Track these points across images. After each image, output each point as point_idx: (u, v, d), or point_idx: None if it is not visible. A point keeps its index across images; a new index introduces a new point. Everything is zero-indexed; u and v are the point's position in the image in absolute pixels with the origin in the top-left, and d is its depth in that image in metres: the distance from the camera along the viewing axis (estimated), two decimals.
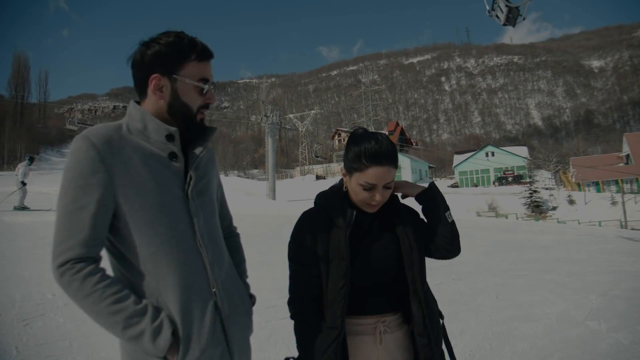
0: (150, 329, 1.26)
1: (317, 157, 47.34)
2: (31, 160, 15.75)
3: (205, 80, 1.44)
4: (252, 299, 1.68)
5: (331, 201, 1.68)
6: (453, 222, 1.67)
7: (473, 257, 8.96)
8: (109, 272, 1.35)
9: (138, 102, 1.46)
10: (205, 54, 1.45)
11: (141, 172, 1.33)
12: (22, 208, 13.63)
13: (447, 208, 1.68)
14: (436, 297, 1.74)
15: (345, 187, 1.71)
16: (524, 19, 10.63)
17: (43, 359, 3.31)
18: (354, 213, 1.63)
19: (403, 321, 1.67)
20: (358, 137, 1.64)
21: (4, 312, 4.22)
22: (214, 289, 1.42)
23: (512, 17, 10.65)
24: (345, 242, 1.57)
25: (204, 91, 1.45)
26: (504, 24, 10.74)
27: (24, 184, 14.31)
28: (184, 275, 1.35)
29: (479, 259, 8.78)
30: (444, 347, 1.70)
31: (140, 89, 1.44)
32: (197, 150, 1.46)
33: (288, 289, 1.69)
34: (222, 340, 1.42)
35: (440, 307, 1.74)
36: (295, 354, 1.63)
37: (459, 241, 1.69)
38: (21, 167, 14.72)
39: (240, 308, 1.53)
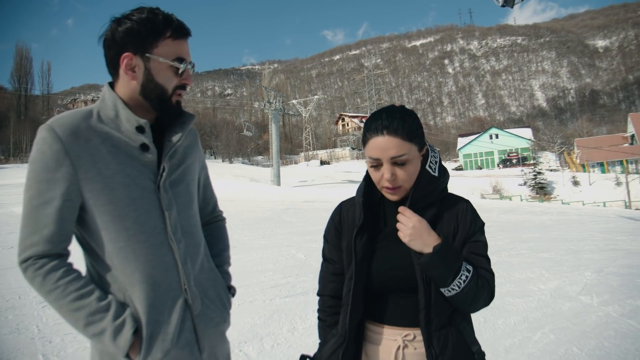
0: (112, 327, 1.22)
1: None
2: None
3: (180, 60, 1.35)
4: (231, 291, 1.58)
5: (359, 190, 1.50)
6: (466, 287, 1.31)
7: None
8: (83, 265, 1.34)
9: (113, 85, 1.38)
10: (181, 32, 1.35)
11: (109, 164, 1.27)
12: None
13: (455, 277, 1.30)
14: None
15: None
16: None
17: (62, 336, 3.54)
18: (362, 207, 1.45)
19: None
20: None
21: (23, 295, 4.47)
22: (185, 286, 1.36)
23: None
24: (353, 242, 1.43)
25: (180, 71, 1.36)
26: (503, 5, 10.77)
27: None
28: (151, 272, 1.30)
29: None
30: None
31: (112, 69, 1.35)
32: (174, 139, 1.39)
33: None
34: (192, 339, 1.37)
35: None
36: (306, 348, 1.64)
37: (483, 300, 1.36)
38: None
39: (214, 303, 1.46)
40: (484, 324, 4.23)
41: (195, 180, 1.53)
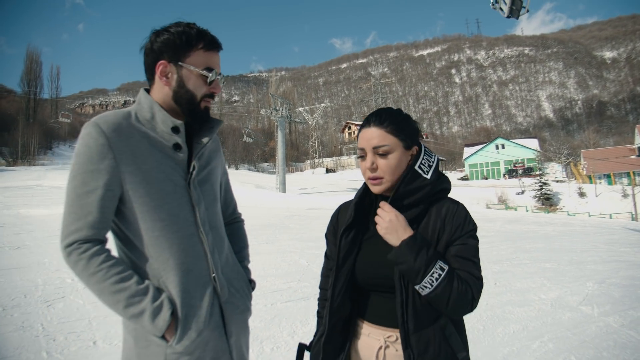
0: (151, 308, 1.31)
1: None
2: None
3: (210, 70, 1.47)
4: (252, 284, 1.70)
5: (356, 194, 1.57)
6: (440, 286, 1.29)
7: None
8: (114, 253, 1.42)
9: (148, 90, 1.51)
10: (213, 45, 1.47)
11: (147, 160, 1.39)
12: None
13: (425, 273, 1.29)
14: None
15: None
16: (527, 10, 10.69)
17: (66, 335, 3.60)
18: (354, 206, 1.51)
19: None
20: None
21: (29, 294, 4.52)
22: (214, 274, 1.47)
23: (516, 9, 10.73)
24: (338, 240, 1.50)
25: (209, 80, 1.47)
26: (508, 16, 10.81)
27: None
28: (184, 260, 1.41)
29: (481, 248, 8.88)
30: None
31: (149, 75, 1.49)
32: (203, 141, 1.52)
33: None
34: (220, 323, 1.48)
35: None
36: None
37: (462, 304, 1.31)
38: None
39: (239, 292, 1.57)
40: (483, 331, 4.25)
41: (218, 182, 1.66)
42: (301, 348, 1.59)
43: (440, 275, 1.29)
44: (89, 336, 3.62)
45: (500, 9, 11.12)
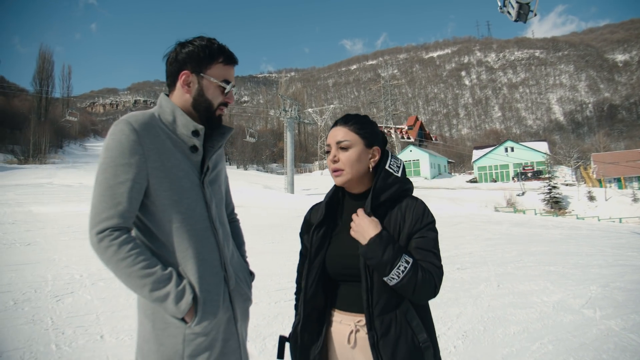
0: (175, 292, 1.43)
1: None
2: None
3: (227, 82, 1.63)
4: (252, 276, 1.83)
5: (327, 194, 1.74)
6: (405, 277, 1.43)
7: (480, 249, 9.16)
8: None
9: (167, 95, 1.65)
10: (231, 60, 1.64)
11: (170, 158, 1.53)
12: None
13: (392, 267, 1.43)
14: None
15: None
16: (535, 14, 10.69)
17: (74, 328, 3.70)
18: (324, 205, 1.68)
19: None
20: None
21: (39, 289, 4.64)
22: (224, 265, 1.61)
23: (523, 13, 10.72)
24: (311, 234, 1.66)
25: (225, 91, 1.64)
26: (516, 20, 10.82)
27: None
28: (201, 250, 1.54)
29: (485, 251, 8.97)
30: None
31: (171, 82, 1.63)
32: (216, 145, 1.67)
33: None
34: (230, 308, 1.61)
35: (442, 293, 1.54)
36: None
37: (425, 292, 1.47)
38: None
39: (243, 282, 1.71)
40: (484, 332, 4.29)
41: (223, 184, 1.83)
42: (282, 340, 1.71)
43: (405, 267, 1.43)
44: (97, 330, 3.72)
45: (508, 12, 11.13)
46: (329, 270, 1.62)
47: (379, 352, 1.47)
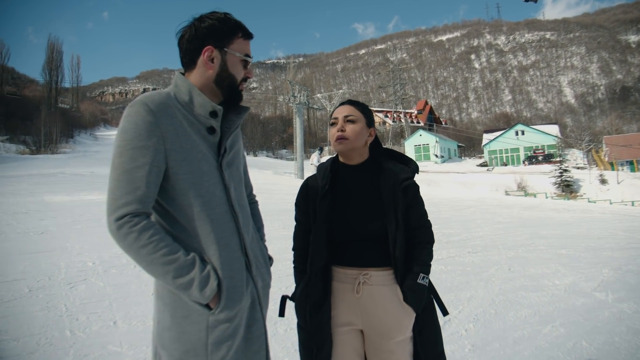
0: (199, 278, 1.39)
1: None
2: (321, 149, 18.09)
3: (247, 56, 1.62)
4: (270, 260, 1.80)
5: (321, 168, 1.99)
6: (428, 274, 1.88)
7: (491, 232, 9.13)
8: None
9: (182, 74, 1.60)
10: (248, 34, 1.63)
11: (188, 139, 1.47)
12: None
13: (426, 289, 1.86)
14: (450, 269, 2.02)
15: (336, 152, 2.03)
16: None
17: (88, 315, 3.75)
18: (329, 176, 1.91)
19: (394, 278, 1.85)
20: None
21: (52, 276, 4.70)
22: (245, 249, 1.58)
23: None
24: (319, 202, 1.87)
25: (248, 65, 1.64)
26: (526, 0, 10.65)
27: None
28: (222, 235, 1.50)
29: (496, 234, 8.93)
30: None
31: (190, 60, 1.57)
32: (233, 125, 1.63)
33: None
34: (255, 294, 1.59)
35: (453, 277, 2.08)
36: None
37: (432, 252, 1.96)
38: (315, 156, 16.72)
39: (262, 267, 1.68)
40: (495, 315, 4.28)
41: (242, 164, 1.78)
42: (283, 299, 1.95)
43: (424, 277, 1.85)
44: (110, 316, 3.76)
45: None
46: (336, 232, 1.85)
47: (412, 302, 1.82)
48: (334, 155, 2.05)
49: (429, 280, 1.89)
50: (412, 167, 1.94)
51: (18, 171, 21.10)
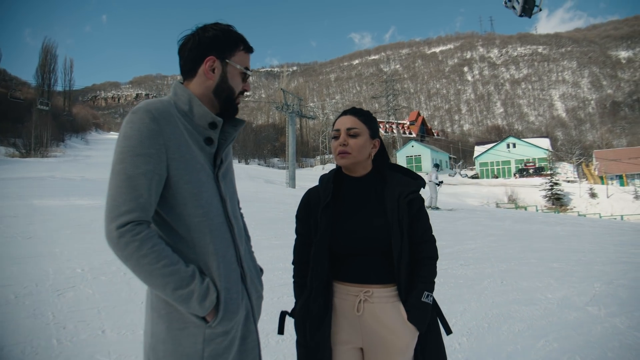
0: (199, 290, 1.38)
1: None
2: (437, 166, 18.18)
3: (247, 69, 1.63)
4: (261, 272, 1.81)
5: (323, 179, 1.94)
6: (431, 291, 1.85)
7: (483, 245, 9.12)
8: None
9: (181, 82, 1.60)
10: (250, 48, 1.64)
11: (189, 149, 1.46)
12: (436, 208, 16.86)
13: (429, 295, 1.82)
14: (442, 281, 1.95)
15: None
16: (540, 9, 10.61)
17: (75, 323, 3.67)
18: (332, 187, 1.85)
19: (397, 295, 1.79)
20: None
21: (40, 283, 4.61)
22: (240, 261, 1.58)
23: (528, 8, 10.64)
24: (320, 215, 1.81)
25: (246, 79, 1.65)
26: (521, 15, 10.74)
27: (439, 183, 17.05)
28: (220, 246, 1.49)
29: (489, 247, 8.93)
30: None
31: (190, 68, 1.57)
32: (229, 139, 1.62)
33: None
34: (249, 306, 1.59)
35: (445, 289, 1.93)
36: None
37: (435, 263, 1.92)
38: (433, 172, 17.19)
39: (256, 278, 1.69)
40: (488, 329, 4.26)
41: (233, 176, 1.77)
42: (283, 315, 1.90)
43: (428, 295, 1.81)
44: (98, 325, 3.69)
45: (513, 7, 11.04)
46: (339, 245, 1.79)
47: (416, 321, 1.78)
48: (337, 167, 2.00)
49: (433, 298, 1.84)
50: (418, 181, 1.90)
51: (7, 174, 20.88)
